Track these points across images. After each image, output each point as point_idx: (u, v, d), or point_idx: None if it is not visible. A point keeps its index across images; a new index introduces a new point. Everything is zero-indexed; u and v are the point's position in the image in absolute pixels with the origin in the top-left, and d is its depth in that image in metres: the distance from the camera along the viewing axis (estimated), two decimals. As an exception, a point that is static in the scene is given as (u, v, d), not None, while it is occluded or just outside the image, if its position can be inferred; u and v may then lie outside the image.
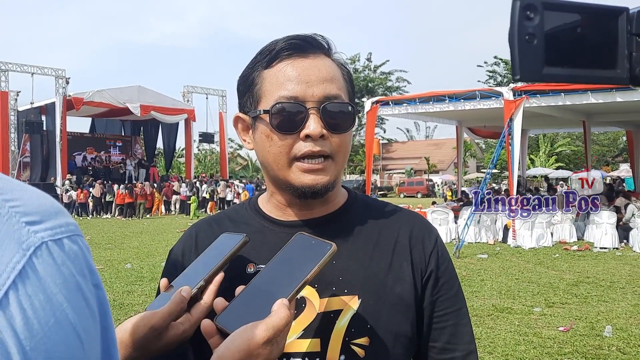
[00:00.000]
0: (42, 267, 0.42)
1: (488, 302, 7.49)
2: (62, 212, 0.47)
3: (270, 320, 0.78)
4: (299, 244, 0.90)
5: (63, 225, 0.46)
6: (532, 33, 0.48)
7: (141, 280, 9.20)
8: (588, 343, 5.73)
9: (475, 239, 14.15)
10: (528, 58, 0.48)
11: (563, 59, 0.49)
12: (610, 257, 11.67)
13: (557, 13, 0.49)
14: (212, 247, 0.99)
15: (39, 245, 0.43)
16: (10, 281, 0.41)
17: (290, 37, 1.00)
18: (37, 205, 0.45)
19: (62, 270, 0.44)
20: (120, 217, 24.65)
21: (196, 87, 33.92)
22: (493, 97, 14.47)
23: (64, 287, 0.43)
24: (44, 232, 0.44)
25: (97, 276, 0.48)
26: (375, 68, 54.17)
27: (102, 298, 0.48)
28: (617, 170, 36.29)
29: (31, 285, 0.42)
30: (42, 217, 0.45)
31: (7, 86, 27.30)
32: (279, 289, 0.83)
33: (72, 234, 0.46)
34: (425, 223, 1.11)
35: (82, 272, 0.45)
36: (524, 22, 0.48)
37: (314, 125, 0.95)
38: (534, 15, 0.48)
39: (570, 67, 0.50)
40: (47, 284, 0.42)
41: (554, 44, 0.49)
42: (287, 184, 0.99)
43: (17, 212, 0.44)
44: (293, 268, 0.86)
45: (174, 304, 0.88)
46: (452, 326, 1.03)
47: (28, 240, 0.43)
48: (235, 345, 0.77)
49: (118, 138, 34.37)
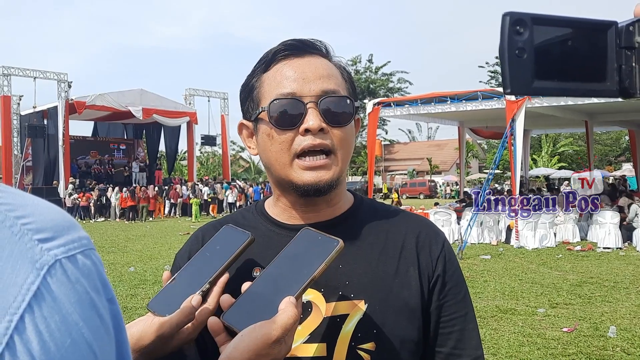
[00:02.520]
0: (57, 287, 0.42)
1: (491, 303, 7.48)
2: (74, 226, 0.46)
3: (278, 319, 0.78)
4: (306, 240, 0.89)
5: (76, 240, 0.45)
6: (522, 47, 0.49)
7: (144, 284, 9.21)
8: (592, 344, 5.72)
9: (478, 240, 14.14)
10: (518, 72, 0.49)
11: (553, 73, 0.50)
12: (613, 257, 11.64)
13: (546, 27, 0.49)
14: (216, 240, 0.98)
15: (53, 264, 0.42)
16: (26, 304, 0.40)
17: (287, 40, 1.01)
18: (49, 221, 0.45)
19: (76, 288, 0.43)
20: (123, 220, 24.69)
21: (198, 90, 33.95)
22: (495, 97, 14.46)
23: (78, 305, 0.43)
24: (57, 249, 0.43)
25: (111, 290, 0.48)
26: (377, 69, 54.13)
27: (116, 312, 0.48)
28: (619, 169, 36.18)
29: (47, 306, 0.41)
30: (55, 233, 0.44)
31: (10, 90, 27.38)
32: (285, 286, 0.83)
33: (85, 249, 0.46)
34: (433, 227, 1.10)
35: (95, 287, 0.45)
36: (513, 37, 0.49)
37: (313, 119, 0.95)
38: (524, 30, 0.49)
39: (561, 80, 0.50)
40: (62, 304, 0.42)
41: (544, 58, 0.49)
42: (290, 183, 0.99)
43: (29, 230, 0.43)
44: (300, 265, 0.85)
45: (183, 315, 0.87)
46: (458, 331, 1.02)
47: (41, 259, 0.42)
48: (244, 345, 0.78)
49: (120, 141, 34.44)
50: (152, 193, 25.98)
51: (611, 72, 0.51)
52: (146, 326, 0.88)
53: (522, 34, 0.49)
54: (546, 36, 0.49)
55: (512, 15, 0.49)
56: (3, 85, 27.15)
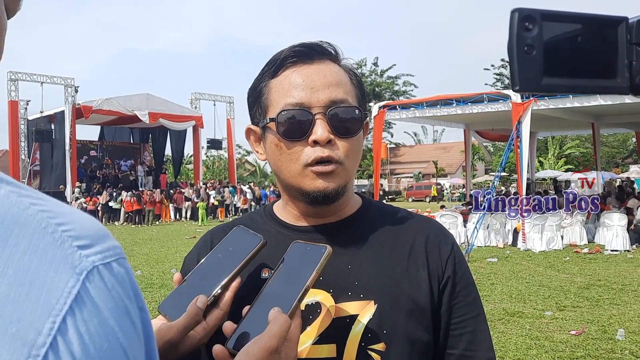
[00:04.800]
0: (95, 292, 0.43)
1: (499, 306, 7.45)
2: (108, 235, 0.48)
3: (270, 329, 0.78)
4: (296, 253, 0.90)
5: (111, 249, 0.46)
6: (530, 44, 0.48)
7: (151, 287, 9.23)
8: (600, 347, 5.68)
9: (484, 243, 14.09)
10: (527, 69, 0.48)
11: (562, 69, 0.49)
12: (621, 260, 11.57)
13: (555, 24, 0.49)
14: (228, 242, 0.98)
15: (91, 270, 0.44)
16: (67, 306, 0.42)
17: (295, 45, 1.00)
18: (87, 229, 0.46)
19: (112, 294, 0.44)
20: (129, 224, 24.76)
21: (204, 94, 34.05)
22: (501, 100, 14.43)
23: (115, 311, 0.44)
24: (95, 256, 0.45)
25: (142, 298, 0.49)
26: (382, 72, 54.14)
27: (146, 321, 0.49)
28: (627, 171, 35.96)
29: (87, 310, 0.42)
30: (92, 240, 0.45)
31: (17, 95, 27.55)
32: (283, 301, 0.83)
33: (119, 257, 0.47)
34: (441, 228, 1.10)
35: (128, 295, 0.46)
36: (522, 33, 0.48)
37: (321, 131, 0.94)
38: (533, 26, 0.48)
39: (570, 77, 0.50)
40: (100, 309, 0.43)
41: (553, 55, 0.49)
42: (300, 191, 0.99)
43: (69, 237, 0.44)
44: (294, 279, 0.86)
45: (189, 317, 0.87)
46: (470, 333, 1.02)
47: (80, 264, 0.44)
48: None
49: (127, 146, 34.58)
50: (158, 197, 26.05)
51: (622, 69, 0.50)
52: (154, 331, 0.87)
53: (531, 30, 0.48)
54: (555, 32, 0.49)
55: (521, 11, 0.48)
56: (10, 90, 27.32)
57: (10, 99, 27.38)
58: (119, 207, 25.70)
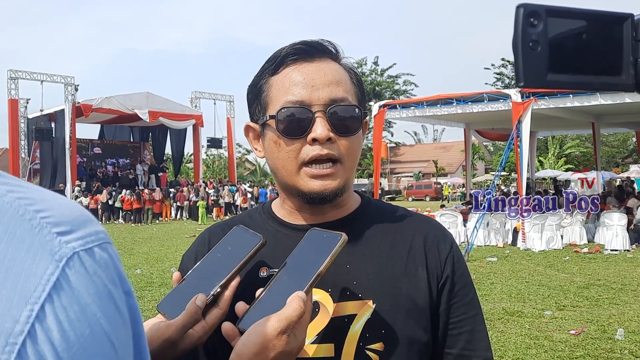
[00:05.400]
0: (75, 278, 0.43)
1: (498, 306, 7.45)
2: (91, 220, 0.47)
3: (282, 311, 0.79)
4: (312, 240, 0.91)
5: (93, 234, 0.46)
6: (536, 40, 0.48)
7: (151, 286, 9.23)
8: (600, 346, 5.68)
9: (484, 242, 14.09)
10: (532, 64, 0.48)
11: (567, 66, 0.49)
12: (621, 260, 11.57)
13: (561, 20, 0.49)
14: (227, 241, 0.98)
15: (71, 256, 0.43)
16: (46, 294, 0.41)
17: (296, 43, 1.00)
18: (67, 215, 0.46)
19: (94, 280, 0.44)
20: (129, 223, 24.76)
21: (204, 93, 34.04)
22: (501, 99, 14.42)
23: (97, 297, 0.43)
24: (75, 242, 0.44)
25: (128, 283, 0.48)
26: (383, 71, 54.11)
27: (132, 305, 0.48)
28: (627, 171, 35.95)
29: (66, 296, 0.42)
30: (73, 226, 0.45)
31: (17, 94, 27.55)
32: (296, 285, 0.84)
33: (102, 242, 0.46)
34: (440, 228, 1.10)
35: (113, 280, 0.46)
36: (527, 29, 0.48)
37: (321, 129, 0.94)
38: (538, 22, 0.48)
39: (575, 73, 0.49)
40: (81, 295, 0.43)
41: (558, 51, 0.49)
42: (296, 190, 0.99)
43: (48, 223, 0.44)
44: (308, 264, 0.87)
45: (188, 316, 0.87)
46: (468, 332, 1.02)
47: (60, 251, 0.43)
48: (250, 339, 0.78)
49: (127, 144, 34.56)
50: (158, 196, 26.04)
51: (627, 66, 0.50)
52: (153, 331, 0.87)
53: (536, 26, 0.48)
54: (561, 28, 0.49)
55: (527, 7, 0.48)
56: (10, 88, 27.31)
57: (10, 97, 27.37)
58: (120, 206, 25.69)
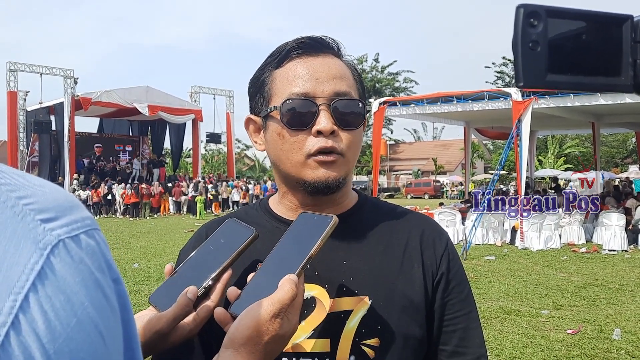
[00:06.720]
0: (61, 266, 0.41)
1: (495, 304, 7.47)
2: (77, 206, 0.46)
3: (275, 294, 0.79)
4: (303, 223, 0.91)
5: (79, 221, 0.44)
6: (535, 40, 0.48)
7: (148, 280, 9.24)
8: (596, 346, 5.70)
9: (482, 241, 14.10)
10: (531, 65, 0.48)
11: (567, 66, 0.49)
12: (619, 260, 11.59)
13: (560, 20, 0.49)
14: (219, 234, 0.98)
15: (56, 244, 0.42)
16: (30, 283, 0.40)
17: (300, 38, 1.01)
18: (52, 201, 0.44)
19: (80, 268, 0.43)
20: (127, 217, 24.77)
21: (203, 88, 34.03)
22: (501, 98, 14.42)
23: (83, 285, 0.42)
24: (60, 229, 0.43)
25: (116, 270, 0.47)
26: (383, 69, 54.05)
27: (121, 292, 0.47)
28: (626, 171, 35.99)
29: (51, 285, 0.40)
30: (57, 213, 0.43)
31: (16, 86, 27.52)
32: (287, 268, 0.84)
33: (89, 229, 0.45)
34: (436, 226, 1.11)
35: (100, 267, 0.44)
36: (527, 29, 0.48)
37: (325, 122, 0.95)
38: (538, 22, 0.48)
39: (574, 74, 0.49)
40: (67, 284, 0.41)
41: (558, 51, 0.49)
42: (300, 181, 0.99)
43: (31, 210, 0.42)
44: (299, 246, 0.87)
45: (179, 308, 0.87)
46: (462, 329, 1.03)
47: (44, 239, 0.42)
48: (242, 323, 0.78)
49: (126, 138, 34.54)
50: (157, 190, 26.04)
51: (626, 67, 0.50)
52: (144, 323, 0.88)
53: (536, 26, 0.48)
54: (560, 29, 0.49)
55: (527, 7, 0.48)
56: (9, 80, 27.28)
57: (9, 89, 27.34)
58: (121, 200, 25.71)
